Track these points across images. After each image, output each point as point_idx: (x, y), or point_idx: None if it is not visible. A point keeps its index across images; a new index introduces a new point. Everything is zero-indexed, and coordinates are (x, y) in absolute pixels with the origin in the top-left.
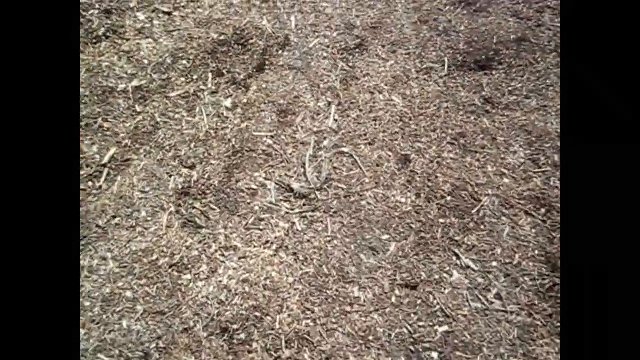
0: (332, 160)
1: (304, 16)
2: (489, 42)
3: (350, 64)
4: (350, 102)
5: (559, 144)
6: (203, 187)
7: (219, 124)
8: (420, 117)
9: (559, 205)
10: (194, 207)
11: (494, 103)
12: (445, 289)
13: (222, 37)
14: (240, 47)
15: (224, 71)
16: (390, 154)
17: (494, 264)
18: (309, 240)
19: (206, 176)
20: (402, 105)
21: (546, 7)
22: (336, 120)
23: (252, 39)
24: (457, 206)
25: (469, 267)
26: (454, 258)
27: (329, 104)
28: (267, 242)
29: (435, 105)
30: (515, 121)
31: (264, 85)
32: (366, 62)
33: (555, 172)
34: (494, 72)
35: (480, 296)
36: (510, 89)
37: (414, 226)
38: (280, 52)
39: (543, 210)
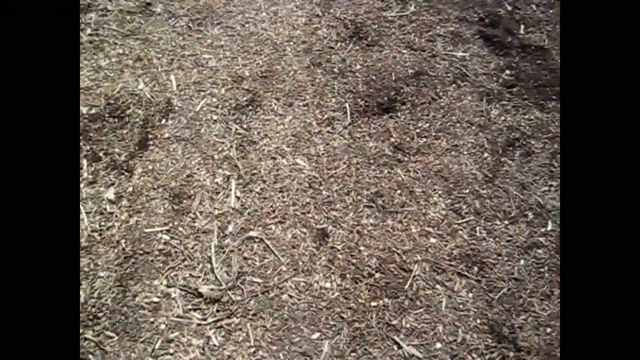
0: (240, 249)
1: (185, 73)
2: (387, 80)
3: (245, 126)
4: (251, 172)
5: (477, 187)
6: (94, 310)
7: (102, 223)
8: (330, 179)
9: (489, 260)
10: (86, 338)
11: (404, 149)
12: None
13: (94, 110)
14: (116, 120)
15: (101, 154)
16: (304, 230)
17: (438, 345)
18: (230, 357)
19: (96, 294)
20: (309, 169)
21: (437, 36)
22: (238, 198)
23: (128, 108)
24: (387, 283)
25: (412, 355)
26: (395, 347)
27: (228, 178)
28: None
29: (344, 163)
30: (429, 167)
31: (150, 166)
32: (262, 121)
33: (478, 220)
34: (399, 114)
35: None
36: (418, 130)
37: (345, 316)
38: (164, 121)
39: (475, 269)
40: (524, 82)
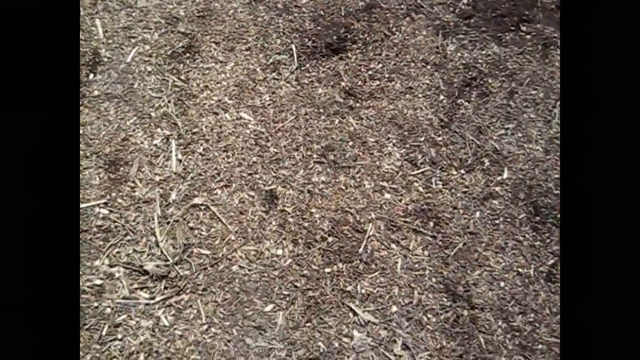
0: (185, 218)
1: (111, 16)
2: (337, 16)
3: (183, 77)
4: (192, 131)
5: (432, 134)
6: None
7: None
8: (277, 134)
9: (445, 214)
10: None
11: (355, 95)
12: (348, 357)
13: None
14: None
15: None
16: (252, 194)
17: (394, 308)
18: (182, 336)
19: None
20: (254, 123)
21: None
22: (180, 161)
23: None
24: (341, 247)
25: (369, 321)
26: (351, 315)
27: (167, 139)
28: (131, 354)
29: (292, 114)
30: (382, 113)
31: (80, 131)
32: (201, 71)
33: (434, 171)
34: (349, 55)
35: (386, 353)
36: (370, 72)
37: (298, 284)
38: (92, 76)
39: (431, 224)
40: (481, 13)
